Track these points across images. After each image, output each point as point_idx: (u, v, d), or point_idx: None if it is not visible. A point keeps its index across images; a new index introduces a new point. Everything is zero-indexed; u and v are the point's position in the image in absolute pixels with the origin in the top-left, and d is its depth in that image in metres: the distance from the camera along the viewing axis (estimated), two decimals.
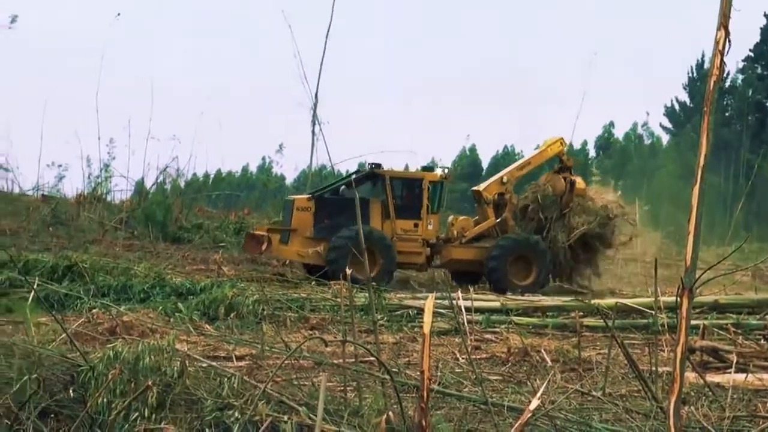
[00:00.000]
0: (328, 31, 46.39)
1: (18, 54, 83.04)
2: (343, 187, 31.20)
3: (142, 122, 62.86)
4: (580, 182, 31.77)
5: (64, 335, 12.41)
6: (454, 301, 19.81)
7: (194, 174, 51.74)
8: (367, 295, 16.94)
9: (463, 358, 15.85)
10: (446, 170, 31.58)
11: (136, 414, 8.61)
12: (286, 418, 8.80)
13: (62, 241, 32.79)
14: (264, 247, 29.23)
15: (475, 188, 32.51)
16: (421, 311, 20.16)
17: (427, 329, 7.72)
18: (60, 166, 44.24)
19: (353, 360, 10.99)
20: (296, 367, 11.95)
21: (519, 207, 32.06)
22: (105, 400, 8.67)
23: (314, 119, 46.21)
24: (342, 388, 10.75)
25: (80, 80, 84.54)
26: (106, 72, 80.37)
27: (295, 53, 51.20)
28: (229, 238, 37.41)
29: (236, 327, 18.43)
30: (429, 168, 31.60)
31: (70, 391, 9.20)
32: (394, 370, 12.19)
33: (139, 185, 44.30)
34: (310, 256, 29.27)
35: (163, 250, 33.24)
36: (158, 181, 44.44)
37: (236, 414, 8.79)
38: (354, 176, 32.21)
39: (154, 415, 8.67)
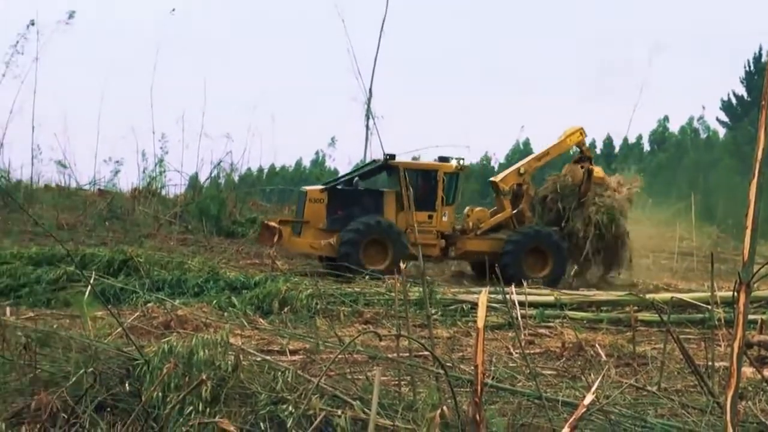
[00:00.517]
0: (382, 25, 46.35)
1: (75, 50, 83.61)
2: (356, 178, 31.13)
3: (195, 117, 63.11)
4: (598, 171, 31.39)
5: (119, 329, 12.49)
6: (508, 296, 19.74)
7: (248, 168, 52.00)
8: (420, 289, 16.91)
9: (516, 353, 15.79)
10: (461, 162, 31.29)
11: (191, 408, 8.64)
12: (339, 412, 8.79)
13: (118, 236, 33.14)
14: (276, 239, 29.16)
15: (492, 179, 32.32)
16: (474, 306, 20.10)
17: (480, 323, 7.69)
18: (117, 162, 44.57)
19: (407, 354, 10.98)
20: (350, 362, 11.93)
21: (539, 197, 31.78)
22: (160, 394, 8.71)
23: (368, 113, 46.19)
24: (396, 382, 10.74)
25: (135, 76, 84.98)
26: (160, 68, 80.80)
27: (348, 48, 51.07)
28: None
29: (290, 321, 18.49)
30: (445, 159, 31.30)
31: (126, 384, 9.25)
32: (448, 364, 12.16)
33: (193, 180, 44.59)
34: (322, 248, 29.15)
35: (216, 244, 33.48)
36: (212, 175, 44.72)
37: (290, 408, 8.79)
38: (368, 167, 32.21)
39: (208, 409, 8.69)
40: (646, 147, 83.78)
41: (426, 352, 11.46)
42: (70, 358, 10.00)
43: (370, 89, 46.25)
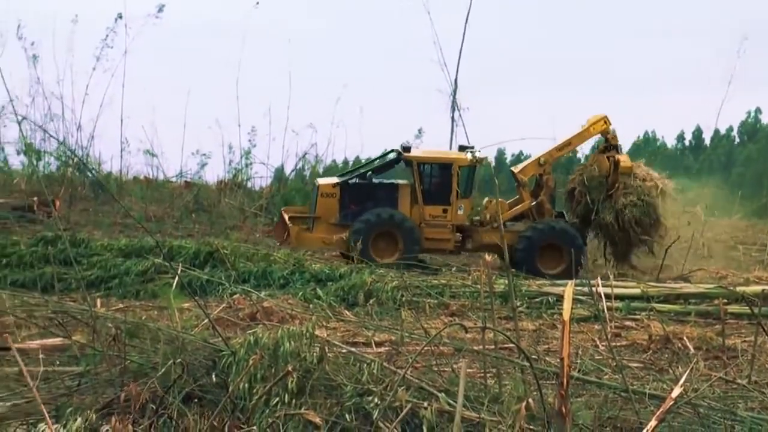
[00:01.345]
0: (467, 16, 46.16)
1: (163, 43, 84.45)
2: (370, 172, 30.73)
3: (281, 110, 63.31)
4: (625, 160, 30.24)
5: (206, 321, 12.61)
6: (594, 289, 19.60)
7: (333, 160, 51.98)
8: (506, 282, 16.86)
9: (603, 346, 15.69)
10: (477, 154, 30.89)
11: (277, 399, 8.68)
12: (425, 404, 8.79)
13: (204, 228, 33.43)
14: (285, 236, 28.91)
15: (512, 169, 31.87)
16: (560, 298, 19.98)
17: (566, 316, 7.65)
18: (204, 155, 44.95)
19: (493, 347, 10.95)
20: (436, 354, 11.92)
21: (567, 191, 31.07)
22: (246, 385, 8.76)
23: (453, 105, 46.05)
24: (482, 374, 10.72)
25: (221, 69, 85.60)
26: (246, 61, 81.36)
27: (434, 39, 50.93)
28: None
29: (375, 313, 18.52)
30: (462, 149, 30.84)
31: (213, 376, 9.32)
32: (533, 356, 12.12)
33: (279, 172, 44.75)
34: (334, 244, 28.70)
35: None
36: (297, 167, 44.86)
37: (376, 400, 8.81)
38: (382, 161, 31.94)
39: (294, 401, 8.73)
40: (737, 139, 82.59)
41: (511, 345, 11.42)
42: (158, 350, 10.11)
43: (456, 80, 46.08)
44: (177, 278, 17.22)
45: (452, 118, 45.86)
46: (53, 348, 12.92)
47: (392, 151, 31.64)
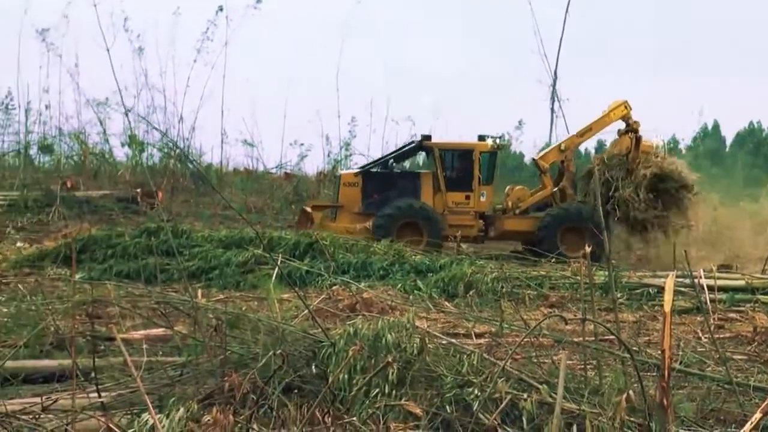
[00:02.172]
0: (567, 6, 45.89)
1: (263, 35, 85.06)
2: (391, 161, 30.71)
3: (381, 101, 63.60)
4: (647, 140, 30.31)
5: (306, 311, 12.69)
6: (696, 280, 19.34)
7: None
8: (606, 273, 16.71)
9: (705, 338, 15.48)
10: (498, 140, 30.61)
11: (377, 390, 8.68)
12: (525, 395, 8.74)
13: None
14: (309, 224, 28.98)
15: (534, 156, 31.62)
16: (661, 290, 19.74)
17: (668, 307, 7.55)
18: (302, 145, 45.29)
19: (593, 338, 10.86)
20: (535, 345, 11.87)
21: (584, 172, 30.90)
22: (346, 376, 8.78)
23: (553, 96, 45.86)
24: (582, 366, 10.63)
25: (321, 61, 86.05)
26: (346, 53, 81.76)
27: (534, 30, 50.68)
28: None
29: (475, 304, 18.48)
30: (482, 139, 30.69)
31: (312, 367, 9.36)
32: (634, 348, 12.00)
33: None
34: (358, 233, 28.59)
35: None
36: None
37: (476, 391, 8.78)
38: (403, 149, 31.82)
39: (394, 392, 8.73)
40: None
41: (612, 336, 11.32)
42: (259, 340, 10.18)
43: (556, 71, 45.89)
44: (277, 269, 17.35)
45: (552, 109, 45.69)
46: (156, 338, 13.11)
47: (411, 143, 31.85)
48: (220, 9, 44.41)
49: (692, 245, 28.51)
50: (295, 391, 9.04)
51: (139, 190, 34.87)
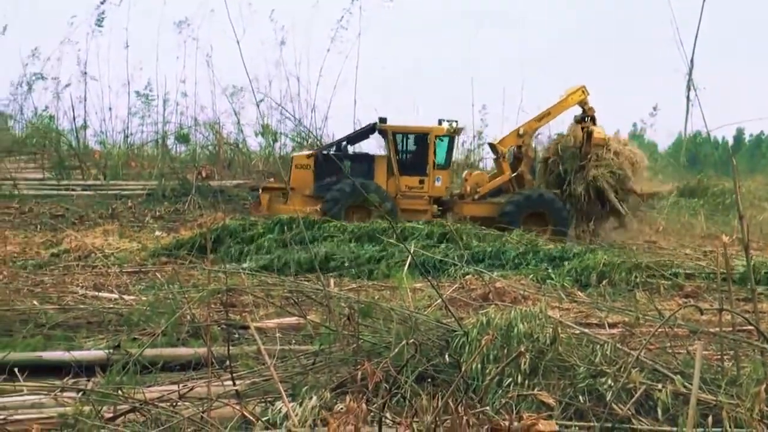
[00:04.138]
0: None
1: (395, 27, 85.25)
2: (345, 143, 30.40)
3: (515, 90, 63.15)
4: (598, 132, 29.44)
5: (438, 301, 12.69)
6: None
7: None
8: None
9: None
10: (454, 124, 29.94)
11: (509, 380, 8.66)
12: (660, 386, 8.63)
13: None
14: (257, 207, 29.07)
15: (490, 141, 31.00)
16: None
17: None
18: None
19: (730, 329, 10.66)
20: (670, 336, 11.69)
21: (541, 159, 30.34)
22: (478, 365, 8.77)
23: (689, 85, 45.05)
24: (718, 356, 10.45)
25: (453, 50, 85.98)
26: (478, 42, 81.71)
27: (671, 19, 49.90)
28: None
29: (608, 294, 18.29)
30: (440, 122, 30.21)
31: (445, 356, 9.37)
32: None
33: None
34: (308, 216, 27.99)
35: None
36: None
37: (609, 381, 8.69)
38: (357, 132, 31.45)
39: (526, 381, 8.70)
40: None
41: (750, 327, 11.11)
42: (391, 329, 10.22)
43: (692, 60, 45.07)
44: (409, 258, 17.40)
45: (687, 98, 44.93)
46: (289, 327, 13.25)
47: (364, 126, 31.57)
48: None
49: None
50: (428, 380, 9.05)
51: (272, 179, 35.22)
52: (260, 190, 30.44)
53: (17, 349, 11.41)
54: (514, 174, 29.91)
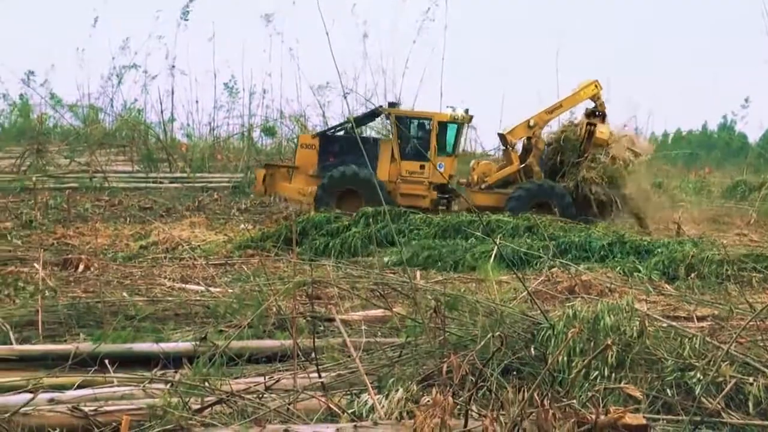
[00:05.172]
0: None
1: (479, 24, 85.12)
2: (351, 125, 30.25)
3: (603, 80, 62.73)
4: (601, 132, 28.85)
5: (524, 293, 12.63)
6: None
7: (652, 133, 51.24)
8: None
9: None
10: (459, 111, 29.47)
11: (596, 373, 8.61)
12: (751, 380, 8.52)
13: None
14: (255, 186, 29.42)
15: (500, 131, 30.41)
16: None
17: None
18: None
19: None
20: (761, 329, 11.52)
21: (545, 143, 29.96)
22: (564, 358, 8.72)
23: None
24: None
25: (541, 41, 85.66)
26: (567, 31, 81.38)
27: (762, 12, 49.28)
28: (689, 197, 36.82)
29: (697, 287, 18.06)
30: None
31: (531, 349, 9.33)
32: None
33: None
34: (308, 195, 28.63)
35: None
36: None
37: (698, 375, 8.60)
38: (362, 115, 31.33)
39: (613, 374, 8.64)
40: None
41: None
42: (477, 322, 10.19)
43: None
44: (495, 251, 17.33)
45: None
46: (375, 319, 13.26)
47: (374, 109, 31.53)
48: None
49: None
50: (514, 373, 9.02)
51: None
52: (264, 168, 30.74)
53: (108, 341, 11.55)
54: (523, 165, 29.73)
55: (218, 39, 46.30)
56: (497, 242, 19.44)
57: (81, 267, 19.15)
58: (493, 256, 17.36)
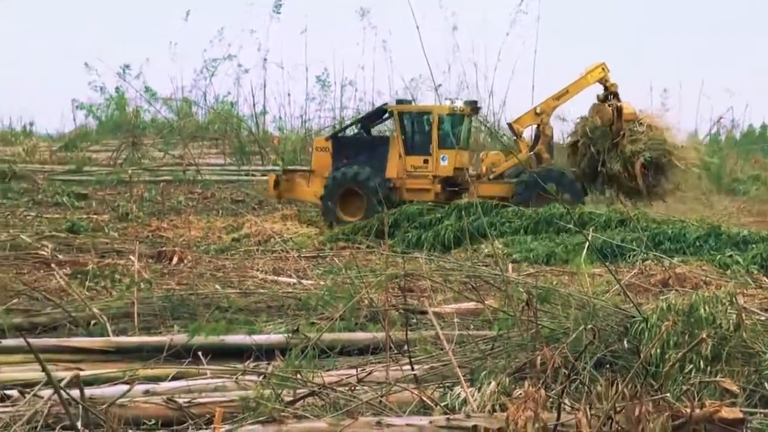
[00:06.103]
0: None
1: (576, 7, 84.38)
2: (361, 125, 30.47)
3: (693, 72, 61.99)
4: (627, 107, 28.09)
5: (617, 286, 12.52)
6: None
7: (750, 125, 50.51)
8: None
9: None
10: (458, 103, 29.09)
11: (691, 366, 8.51)
12: None
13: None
14: (269, 190, 29.68)
15: (509, 121, 29.96)
16: None
17: None
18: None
19: None
20: None
21: (568, 144, 29.26)
22: (658, 351, 8.63)
23: None
24: None
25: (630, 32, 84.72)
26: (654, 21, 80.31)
27: None
28: (746, 186, 36.44)
29: None
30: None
31: (624, 342, 9.24)
32: None
33: (692, 137, 44.06)
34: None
35: (716, 201, 32.87)
36: (711, 132, 44.03)
37: None
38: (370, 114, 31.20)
39: (708, 368, 8.53)
40: None
41: None
42: (570, 315, 10.13)
43: None
44: (587, 243, 17.22)
45: None
46: (467, 312, 13.25)
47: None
48: None
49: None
50: (606, 366, 8.95)
51: None
52: (283, 173, 31.06)
53: (201, 333, 11.67)
54: (532, 152, 29.41)
55: (310, 32, 46.30)
56: (588, 235, 19.32)
57: (175, 259, 19.43)
58: (585, 248, 17.25)
